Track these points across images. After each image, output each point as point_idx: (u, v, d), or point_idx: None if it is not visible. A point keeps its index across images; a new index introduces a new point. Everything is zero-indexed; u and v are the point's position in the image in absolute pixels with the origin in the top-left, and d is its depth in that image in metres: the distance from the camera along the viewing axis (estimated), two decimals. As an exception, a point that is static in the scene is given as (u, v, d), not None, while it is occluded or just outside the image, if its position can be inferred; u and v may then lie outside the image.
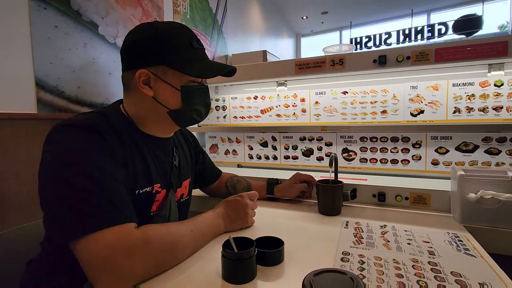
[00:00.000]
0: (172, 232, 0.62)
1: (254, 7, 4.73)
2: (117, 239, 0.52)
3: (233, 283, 0.55)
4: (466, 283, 0.54)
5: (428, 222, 0.87)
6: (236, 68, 0.74)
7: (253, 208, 0.84)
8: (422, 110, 1.19)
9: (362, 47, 5.99)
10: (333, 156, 1.01)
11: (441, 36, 5.32)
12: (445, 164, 1.16)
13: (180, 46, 0.66)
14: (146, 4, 2.20)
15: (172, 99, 0.67)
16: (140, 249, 0.54)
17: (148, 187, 0.68)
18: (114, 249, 0.51)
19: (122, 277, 0.52)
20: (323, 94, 1.36)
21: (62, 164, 0.54)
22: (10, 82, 1.16)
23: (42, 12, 1.29)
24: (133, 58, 0.66)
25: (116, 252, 0.51)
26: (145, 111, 0.69)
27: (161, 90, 0.66)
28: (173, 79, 0.66)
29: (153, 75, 0.65)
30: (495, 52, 0.94)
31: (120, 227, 0.53)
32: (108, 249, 0.51)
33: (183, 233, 0.64)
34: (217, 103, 1.62)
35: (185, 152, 0.89)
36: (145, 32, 0.66)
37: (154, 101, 0.67)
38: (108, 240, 0.51)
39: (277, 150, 1.48)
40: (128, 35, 0.69)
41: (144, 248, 0.54)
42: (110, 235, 0.52)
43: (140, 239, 0.55)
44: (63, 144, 0.56)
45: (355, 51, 1.59)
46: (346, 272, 0.45)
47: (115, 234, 0.52)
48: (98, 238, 0.51)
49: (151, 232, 0.58)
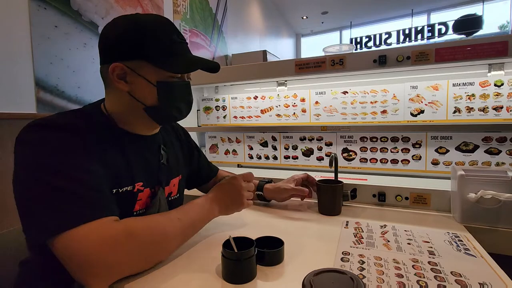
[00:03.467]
0: (157, 222, 0.60)
1: (254, 7, 4.73)
2: (97, 234, 0.50)
3: (233, 283, 0.55)
4: (466, 283, 0.54)
5: (428, 222, 0.87)
6: (218, 64, 0.71)
7: (248, 189, 0.81)
8: (422, 110, 1.19)
9: (362, 47, 6.00)
10: (333, 156, 1.01)
11: (441, 36, 5.32)
12: (445, 164, 1.16)
13: (159, 39, 0.63)
14: (146, 4, 2.20)
15: (148, 95, 0.64)
16: (123, 242, 0.52)
17: (129, 186, 0.65)
18: (95, 244, 0.49)
19: (109, 272, 0.51)
20: (323, 94, 1.36)
21: (35, 165, 0.53)
22: (10, 82, 1.16)
23: (42, 12, 1.29)
24: (109, 51, 0.63)
25: (97, 247, 0.49)
26: (123, 107, 0.66)
27: (137, 85, 0.63)
28: (150, 74, 0.63)
29: (128, 69, 0.62)
30: (495, 52, 0.94)
31: (99, 221, 0.51)
32: (89, 244, 0.49)
33: (169, 222, 0.62)
34: (217, 103, 1.62)
35: (176, 149, 0.86)
36: (123, 24, 0.63)
37: (130, 96, 0.64)
38: (88, 235, 0.49)
39: (277, 150, 1.48)
40: (106, 27, 0.64)
41: (127, 240, 0.53)
42: (89, 230, 0.50)
43: (122, 231, 0.53)
44: (34, 145, 0.55)
45: (355, 51, 1.59)
46: (346, 272, 0.45)
47: (95, 229, 0.50)
48: (77, 234, 0.49)
49: (134, 223, 0.56)
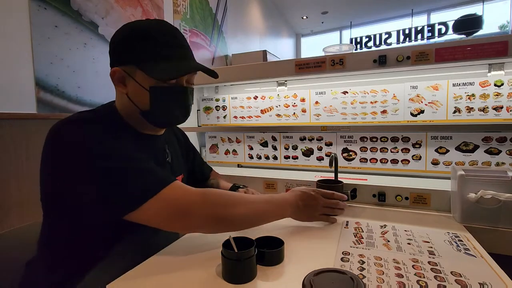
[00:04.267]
0: (231, 195, 0.68)
1: (254, 7, 4.73)
2: (176, 193, 0.60)
3: (233, 283, 0.55)
4: (466, 283, 0.54)
5: (428, 222, 0.87)
6: (212, 70, 0.71)
7: (327, 205, 0.84)
8: (422, 110, 1.19)
9: (362, 47, 6.00)
10: (333, 156, 1.01)
11: (441, 36, 5.32)
12: (445, 164, 1.16)
13: (149, 46, 0.64)
14: (146, 4, 2.20)
15: (142, 99, 0.66)
16: (199, 199, 0.61)
17: None
18: (176, 199, 0.60)
19: (201, 220, 0.61)
20: (323, 94, 1.36)
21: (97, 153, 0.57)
22: (10, 82, 1.16)
23: (42, 12, 1.30)
24: (111, 56, 0.68)
25: (186, 197, 0.61)
26: (126, 108, 0.69)
27: (133, 89, 0.66)
28: (142, 79, 0.65)
29: (125, 73, 0.65)
30: (495, 52, 0.94)
31: (173, 184, 0.61)
32: (174, 200, 0.59)
33: (241, 201, 0.67)
34: (217, 103, 1.62)
35: (176, 149, 0.89)
36: (123, 31, 0.66)
37: (129, 99, 0.67)
38: (169, 194, 0.59)
39: (277, 150, 1.48)
40: (114, 33, 0.69)
41: (203, 198, 0.62)
42: (169, 191, 0.59)
43: (198, 191, 0.62)
44: (81, 138, 0.58)
45: (355, 51, 1.59)
46: (346, 272, 0.45)
47: (171, 190, 0.60)
48: (160, 197, 0.58)
49: (207, 189, 0.65)
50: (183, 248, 0.71)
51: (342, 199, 0.88)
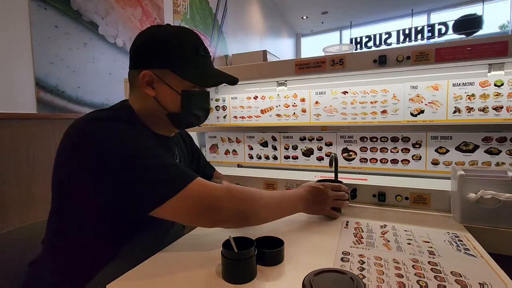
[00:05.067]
0: (251, 190, 0.69)
1: (254, 7, 4.73)
2: (202, 188, 0.61)
3: (233, 283, 0.55)
4: (466, 283, 0.54)
5: (428, 222, 0.87)
6: (237, 79, 0.75)
7: (337, 198, 0.87)
8: (422, 110, 1.19)
9: (362, 47, 6.00)
10: (333, 156, 1.01)
11: (441, 36, 5.33)
12: (445, 164, 1.16)
13: (185, 51, 0.68)
14: (146, 4, 2.20)
15: (172, 102, 0.69)
16: (224, 194, 0.63)
17: None
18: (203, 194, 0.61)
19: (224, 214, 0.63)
20: (323, 94, 1.36)
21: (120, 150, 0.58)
22: (10, 82, 1.16)
23: (42, 12, 1.30)
24: (140, 58, 0.69)
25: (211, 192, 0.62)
26: (147, 109, 0.70)
27: (163, 92, 0.68)
28: (175, 83, 0.67)
29: (156, 76, 0.67)
30: (495, 52, 0.94)
31: (198, 179, 0.62)
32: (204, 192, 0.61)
33: (261, 195, 0.70)
34: (217, 103, 1.62)
35: (183, 150, 0.92)
36: (154, 34, 0.69)
37: (155, 101, 0.69)
38: (196, 190, 0.60)
39: (277, 150, 1.48)
40: (139, 35, 0.70)
41: (226, 193, 0.64)
42: (195, 186, 0.60)
43: (222, 186, 0.64)
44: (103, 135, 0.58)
45: (355, 51, 1.59)
46: (346, 272, 0.45)
47: (197, 185, 0.61)
48: (187, 193, 0.59)
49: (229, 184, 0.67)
50: (183, 248, 0.71)
51: (347, 191, 0.92)
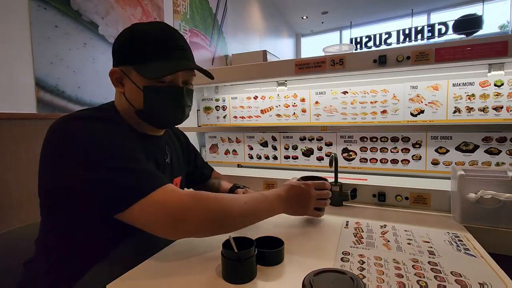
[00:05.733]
0: (224, 197, 0.64)
1: (254, 7, 4.73)
2: (165, 196, 0.58)
3: (233, 283, 0.55)
4: (466, 283, 0.54)
5: (428, 222, 0.87)
6: (206, 70, 0.72)
7: (320, 197, 0.80)
8: (422, 110, 1.19)
9: (362, 47, 5.99)
10: (333, 156, 1.01)
11: (441, 36, 5.32)
12: (445, 164, 1.16)
13: (146, 46, 0.66)
14: (146, 4, 2.20)
15: (136, 99, 0.67)
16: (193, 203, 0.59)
17: None
18: (168, 204, 0.57)
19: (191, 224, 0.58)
20: (323, 94, 1.36)
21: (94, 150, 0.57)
22: (10, 82, 1.16)
23: (42, 12, 1.29)
24: (113, 57, 0.70)
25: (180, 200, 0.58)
26: (123, 108, 0.70)
27: (128, 89, 0.68)
28: (137, 79, 0.66)
29: (123, 74, 0.67)
30: (495, 52, 0.94)
31: (165, 187, 0.59)
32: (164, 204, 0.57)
33: (235, 201, 0.65)
34: (217, 103, 1.62)
35: (177, 150, 0.90)
36: (123, 34, 0.69)
37: (125, 99, 0.69)
38: (158, 198, 0.57)
39: (277, 150, 1.48)
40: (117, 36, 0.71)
41: (196, 202, 0.59)
42: (159, 195, 0.57)
43: (191, 194, 0.61)
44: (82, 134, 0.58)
45: (355, 51, 1.59)
46: (346, 272, 0.45)
47: (161, 193, 0.57)
48: (149, 200, 0.56)
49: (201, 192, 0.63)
50: (183, 248, 0.71)
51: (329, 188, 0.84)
